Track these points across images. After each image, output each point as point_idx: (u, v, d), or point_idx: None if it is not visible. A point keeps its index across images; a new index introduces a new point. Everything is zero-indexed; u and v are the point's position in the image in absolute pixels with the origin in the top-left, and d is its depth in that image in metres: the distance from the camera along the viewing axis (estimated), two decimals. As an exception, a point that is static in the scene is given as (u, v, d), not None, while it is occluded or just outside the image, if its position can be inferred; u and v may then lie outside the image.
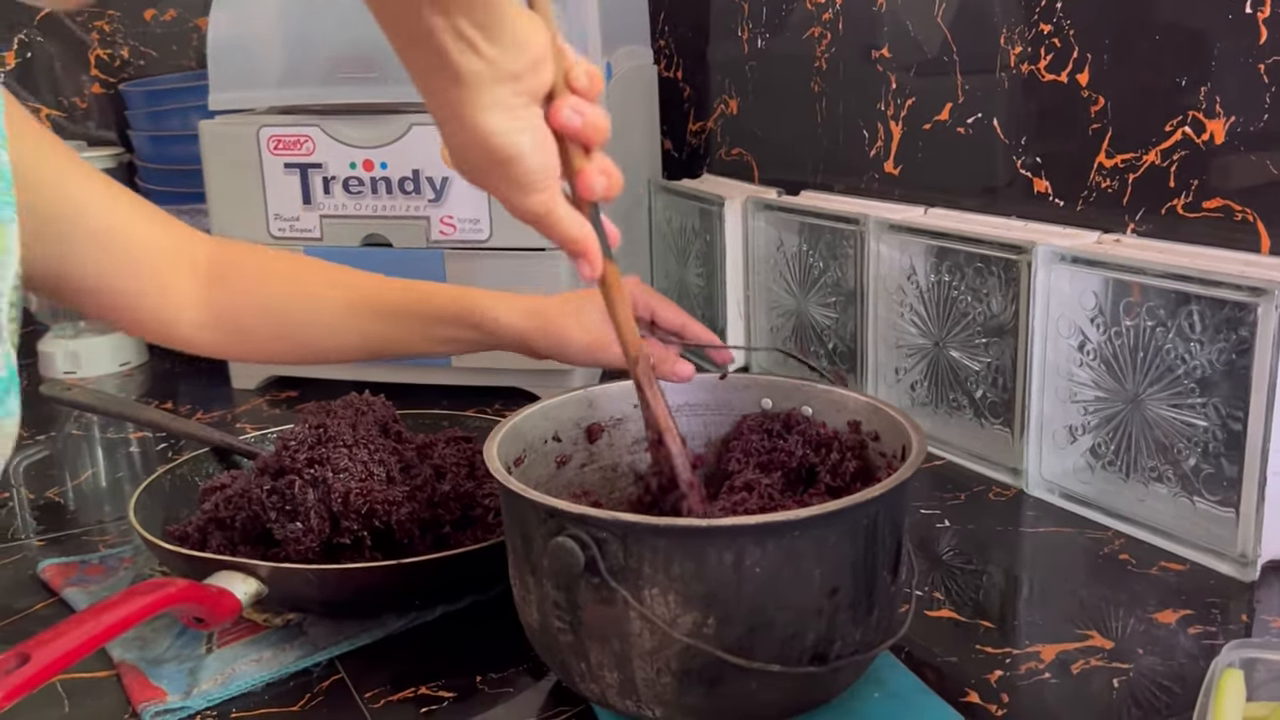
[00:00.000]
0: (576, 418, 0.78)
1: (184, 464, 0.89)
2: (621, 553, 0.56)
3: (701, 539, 0.55)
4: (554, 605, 0.59)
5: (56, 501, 1.01)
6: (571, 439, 0.77)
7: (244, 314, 0.84)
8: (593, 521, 0.56)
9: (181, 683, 0.68)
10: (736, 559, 0.55)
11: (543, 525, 0.59)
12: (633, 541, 0.56)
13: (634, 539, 0.56)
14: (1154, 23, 0.89)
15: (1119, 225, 0.93)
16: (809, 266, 1.17)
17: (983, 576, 0.81)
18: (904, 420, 0.68)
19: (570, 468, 0.77)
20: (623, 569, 0.56)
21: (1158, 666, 0.68)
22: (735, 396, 0.79)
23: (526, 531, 0.60)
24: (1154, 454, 0.84)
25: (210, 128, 1.22)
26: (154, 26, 1.52)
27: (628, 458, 0.79)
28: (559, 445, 0.77)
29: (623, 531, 0.56)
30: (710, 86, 1.44)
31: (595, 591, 0.57)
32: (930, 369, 1.04)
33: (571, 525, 0.57)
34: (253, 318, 0.85)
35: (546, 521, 0.58)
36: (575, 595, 0.58)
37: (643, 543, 0.56)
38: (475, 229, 1.15)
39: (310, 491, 0.74)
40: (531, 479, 0.73)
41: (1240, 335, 0.77)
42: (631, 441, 0.79)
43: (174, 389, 1.34)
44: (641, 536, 0.56)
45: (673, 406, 0.70)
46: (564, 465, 0.77)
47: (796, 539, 0.56)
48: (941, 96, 1.08)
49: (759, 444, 0.76)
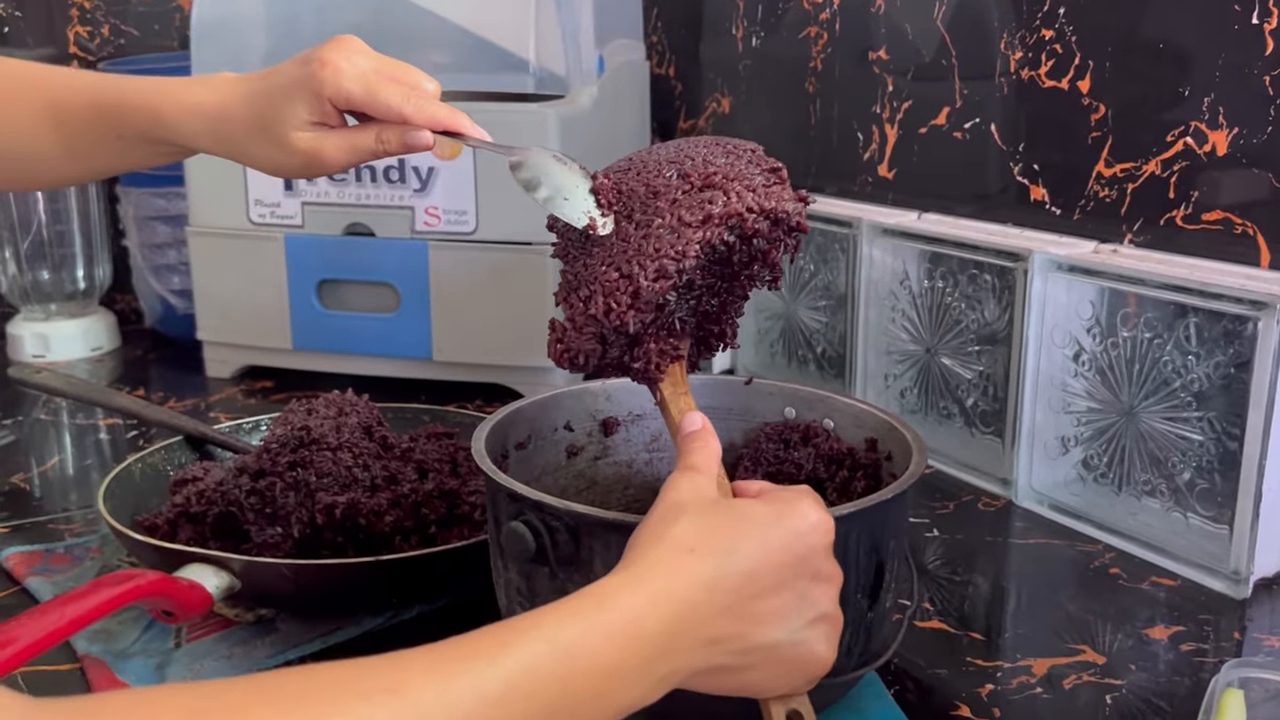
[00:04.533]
0: (592, 409, 0.77)
1: (155, 453, 0.86)
2: (572, 544, 0.55)
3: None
4: (516, 590, 0.60)
5: (22, 488, 0.98)
6: (585, 430, 0.76)
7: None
8: (547, 509, 0.56)
9: (149, 678, 0.66)
10: None
11: (507, 507, 0.58)
12: (584, 534, 0.55)
13: (585, 531, 0.55)
14: (1157, 32, 0.88)
15: (1116, 235, 0.92)
16: (799, 269, 1.15)
17: (971, 587, 0.80)
18: (912, 442, 0.66)
19: (582, 459, 0.76)
20: (574, 560, 0.56)
21: (1149, 683, 0.67)
22: (759, 403, 0.78)
23: (497, 513, 0.60)
24: (1147, 467, 0.83)
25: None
26: (135, 5, 1.49)
27: (644, 455, 0.78)
28: (570, 434, 0.76)
29: (574, 522, 0.55)
30: (702, 84, 1.43)
31: (550, 580, 0.56)
32: (921, 376, 1.02)
33: (529, 511, 0.56)
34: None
35: (509, 504, 0.58)
36: (533, 581, 0.58)
37: (594, 535, 0.55)
38: (461, 220, 1.13)
39: (291, 495, 0.72)
40: (535, 465, 0.72)
41: (1238, 349, 0.76)
42: (649, 439, 0.78)
43: (146, 375, 1.31)
44: (593, 529, 0.55)
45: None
46: (575, 455, 0.76)
47: None
48: (938, 100, 1.07)
49: (771, 453, 0.74)
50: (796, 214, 0.59)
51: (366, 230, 1.16)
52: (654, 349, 0.60)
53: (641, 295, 0.57)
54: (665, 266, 0.57)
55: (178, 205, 1.31)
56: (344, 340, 1.19)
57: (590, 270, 0.61)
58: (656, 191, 0.61)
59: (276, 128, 0.68)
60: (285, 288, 1.19)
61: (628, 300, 0.57)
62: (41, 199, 1.35)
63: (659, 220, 0.59)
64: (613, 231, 0.61)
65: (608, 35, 1.27)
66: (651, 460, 0.78)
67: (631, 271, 0.58)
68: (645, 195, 0.62)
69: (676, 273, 0.57)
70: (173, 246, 1.35)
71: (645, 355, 0.60)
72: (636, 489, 0.78)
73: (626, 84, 1.36)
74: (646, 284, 0.57)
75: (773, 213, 0.58)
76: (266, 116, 0.69)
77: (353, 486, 0.75)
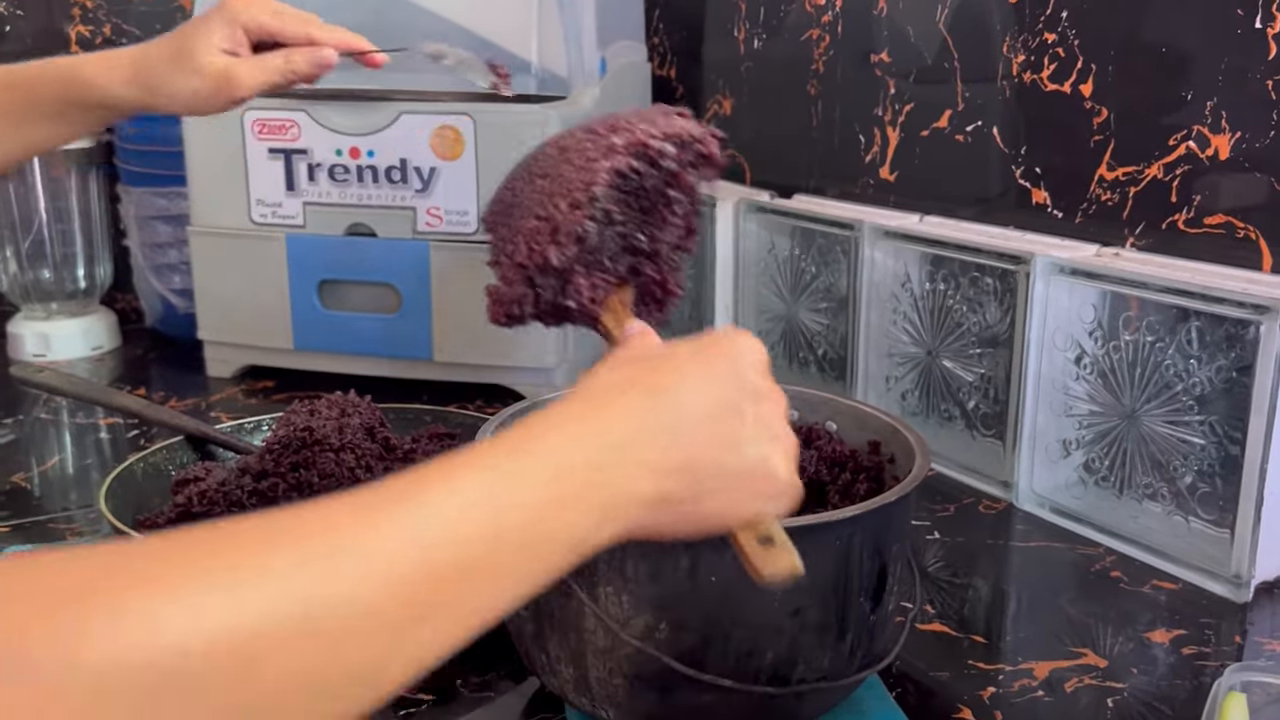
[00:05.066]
0: None
1: (157, 452, 0.86)
2: None
3: (658, 541, 0.54)
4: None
5: (23, 487, 0.97)
6: None
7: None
8: None
9: (149, 679, 0.66)
10: (692, 565, 0.54)
11: None
12: None
13: None
14: (1160, 35, 0.88)
15: (1118, 238, 0.92)
16: (800, 271, 1.15)
17: (972, 590, 0.80)
18: (916, 445, 0.66)
19: None
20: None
21: (1150, 686, 0.67)
22: None
23: None
24: (1149, 471, 0.83)
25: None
26: (137, 4, 1.48)
27: None
28: None
29: None
30: (704, 86, 1.43)
31: (554, 583, 0.56)
32: (922, 378, 1.02)
33: None
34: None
35: None
36: None
37: None
38: (462, 221, 1.13)
39: (294, 496, 0.72)
40: None
41: (1240, 353, 0.76)
42: None
43: (147, 375, 1.31)
44: None
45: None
46: None
47: None
48: (940, 103, 1.07)
49: None
50: (701, 137, 0.64)
51: (368, 230, 1.16)
52: (584, 282, 0.63)
53: (560, 229, 0.60)
54: (576, 197, 0.60)
55: (179, 205, 1.31)
56: (345, 340, 1.19)
57: (512, 227, 0.64)
58: (565, 148, 0.66)
59: (192, 57, 0.76)
60: (286, 288, 1.18)
61: (547, 238, 0.61)
62: (43, 198, 1.35)
63: (568, 166, 0.63)
64: (530, 190, 0.66)
65: (610, 36, 1.27)
66: None
67: (548, 212, 0.61)
68: (557, 155, 0.66)
69: (588, 200, 0.60)
70: (174, 246, 1.35)
71: (576, 291, 0.62)
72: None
73: (628, 85, 1.36)
74: (562, 216, 0.60)
75: (675, 136, 0.63)
76: (182, 49, 0.77)
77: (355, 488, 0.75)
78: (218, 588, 0.31)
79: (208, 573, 0.31)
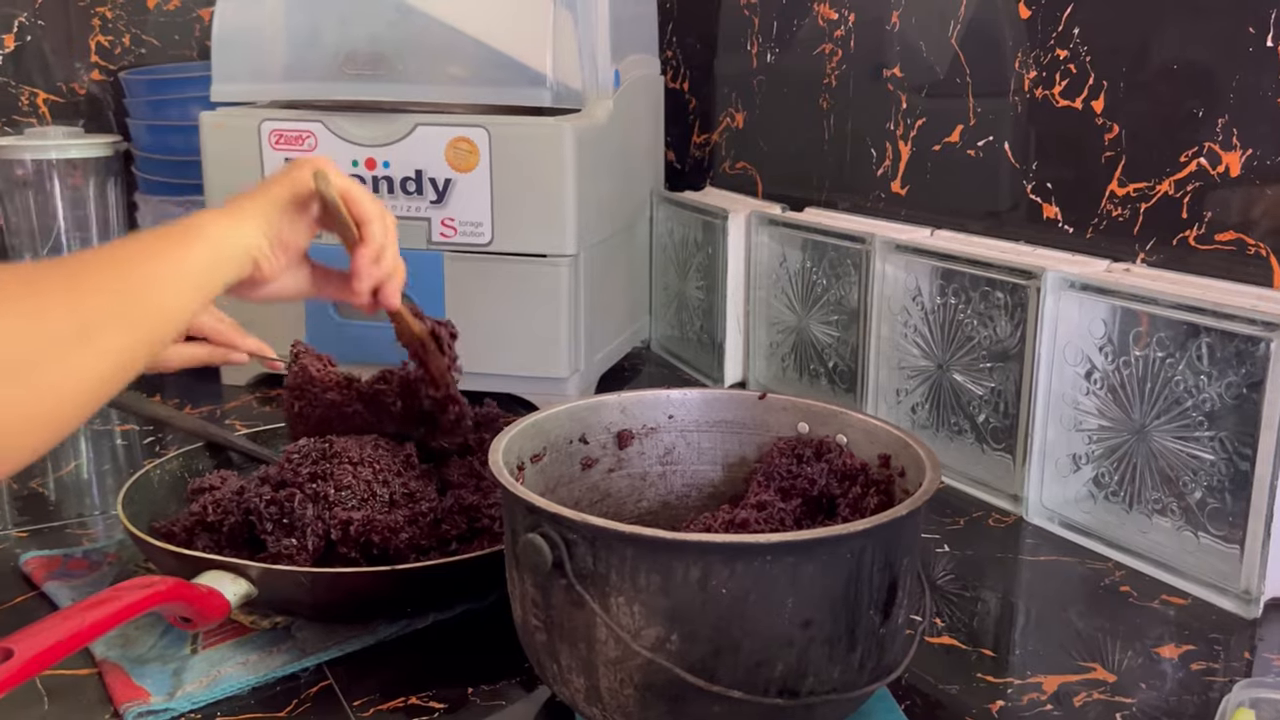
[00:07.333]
0: (607, 422, 0.77)
1: (174, 460, 0.87)
2: (590, 557, 0.56)
3: (669, 552, 0.54)
4: (531, 602, 0.59)
5: (39, 493, 0.98)
6: (600, 443, 0.77)
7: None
8: (564, 522, 0.56)
9: (165, 683, 0.66)
10: (703, 576, 0.54)
11: (524, 519, 0.58)
12: (601, 546, 0.55)
13: (603, 544, 0.55)
14: (1171, 53, 0.88)
15: (1128, 254, 0.92)
16: (811, 284, 1.16)
17: (981, 604, 0.80)
18: (926, 459, 0.66)
19: (596, 471, 0.77)
20: (590, 573, 0.56)
21: (1159, 702, 0.67)
22: (773, 418, 0.78)
23: (514, 525, 0.61)
24: (1158, 486, 0.84)
25: (211, 119, 1.21)
26: (156, 15, 1.50)
27: (657, 468, 0.78)
28: (585, 447, 0.76)
29: (592, 535, 0.55)
30: (716, 99, 1.44)
31: (566, 593, 0.57)
32: (932, 392, 1.03)
33: (546, 523, 0.57)
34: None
35: (526, 517, 0.58)
36: (549, 594, 0.58)
37: (611, 549, 0.55)
38: (476, 232, 1.14)
39: (310, 507, 0.73)
40: (550, 477, 0.73)
41: (1250, 369, 0.76)
42: (663, 452, 0.78)
43: (162, 382, 1.32)
44: (610, 542, 0.55)
45: (710, 423, 0.77)
46: (590, 468, 0.76)
47: (767, 564, 0.55)
48: (952, 118, 1.08)
49: (784, 468, 0.74)
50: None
51: (383, 241, 1.16)
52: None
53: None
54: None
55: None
56: (360, 350, 1.20)
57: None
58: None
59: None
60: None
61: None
62: (61, 206, 1.37)
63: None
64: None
65: (624, 50, 1.28)
66: (665, 473, 0.78)
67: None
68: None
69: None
70: (190, 254, 1.36)
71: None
72: (649, 501, 0.79)
73: (642, 98, 1.37)
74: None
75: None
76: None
77: (370, 501, 0.75)
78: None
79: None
